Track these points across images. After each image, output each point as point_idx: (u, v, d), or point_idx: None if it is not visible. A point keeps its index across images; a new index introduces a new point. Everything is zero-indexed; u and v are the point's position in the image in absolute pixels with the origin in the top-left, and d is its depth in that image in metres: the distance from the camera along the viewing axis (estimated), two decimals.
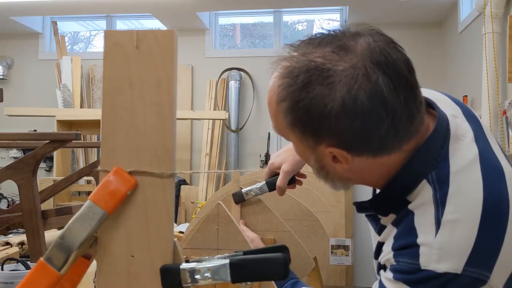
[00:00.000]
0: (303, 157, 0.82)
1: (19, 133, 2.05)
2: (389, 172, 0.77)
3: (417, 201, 0.75)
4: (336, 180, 0.81)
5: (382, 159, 0.75)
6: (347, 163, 0.75)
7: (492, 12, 3.44)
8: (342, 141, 0.72)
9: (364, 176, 0.79)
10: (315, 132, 0.73)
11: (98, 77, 5.62)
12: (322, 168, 0.79)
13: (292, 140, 0.79)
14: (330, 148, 0.73)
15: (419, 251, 0.70)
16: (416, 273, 0.70)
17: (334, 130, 0.71)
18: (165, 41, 0.56)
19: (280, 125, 0.77)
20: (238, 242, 1.07)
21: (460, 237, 0.69)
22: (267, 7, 5.57)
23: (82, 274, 0.60)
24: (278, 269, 0.52)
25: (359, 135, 0.71)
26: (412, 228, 0.73)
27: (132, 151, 0.56)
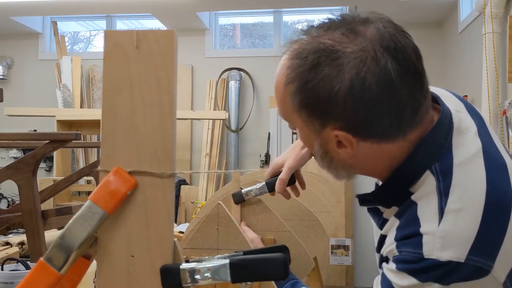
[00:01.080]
0: (307, 143, 0.82)
1: (19, 133, 2.05)
2: (392, 163, 0.77)
3: (420, 192, 0.75)
4: (340, 168, 0.81)
5: (386, 146, 0.75)
6: (351, 147, 0.75)
7: (492, 12, 3.44)
8: (348, 124, 0.72)
9: (367, 164, 0.79)
10: (322, 114, 0.73)
11: (98, 77, 5.62)
12: (326, 154, 0.79)
13: (297, 124, 0.79)
14: (336, 131, 0.73)
15: (422, 240, 0.70)
16: (419, 262, 0.70)
17: (340, 113, 0.71)
18: (165, 41, 0.56)
19: (286, 108, 0.77)
20: (238, 242, 1.07)
21: (464, 226, 0.70)
22: (267, 7, 5.57)
23: (82, 274, 0.60)
24: (278, 269, 0.52)
25: (365, 118, 0.71)
26: (415, 218, 0.73)
27: (132, 151, 0.56)
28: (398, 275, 0.73)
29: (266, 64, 5.56)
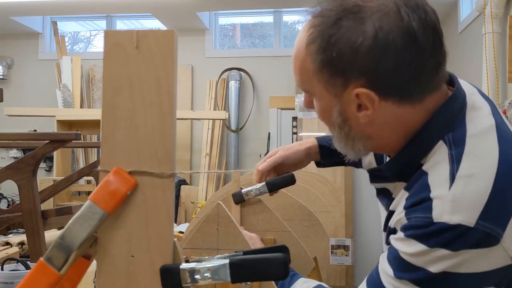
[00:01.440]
0: (326, 114, 0.81)
1: (19, 133, 2.05)
2: (407, 132, 0.78)
3: (431, 161, 0.75)
4: (357, 139, 0.80)
5: (404, 110, 0.76)
6: (372, 107, 0.74)
7: (492, 12, 3.44)
8: (371, 79, 0.72)
9: (385, 132, 0.79)
10: (345, 70, 0.73)
11: (98, 77, 5.63)
12: (344, 123, 0.79)
13: (316, 92, 0.79)
14: (358, 89, 0.73)
15: (432, 204, 0.70)
16: (428, 227, 0.69)
17: (364, 66, 0.72)
18: (165, 41, 0.56)
19: (307, 74, 0.78)
20: (238, 242, 1.07)
21: (475, 191, 0.69)
22: (267, 7, 5.57)
23: (82, 274, 0.60)
24: (278, 269, 0.52)
25: (388, 72, 0.72)
26: (425, 186, 0.73)
27: (132, 151, 0.56)
28: (405, 242, 0.72)
29: (266, 64, 5.56)
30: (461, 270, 0.69)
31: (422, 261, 0.70)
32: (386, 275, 0.76)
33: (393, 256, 0.75)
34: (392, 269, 0.74)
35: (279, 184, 1.27)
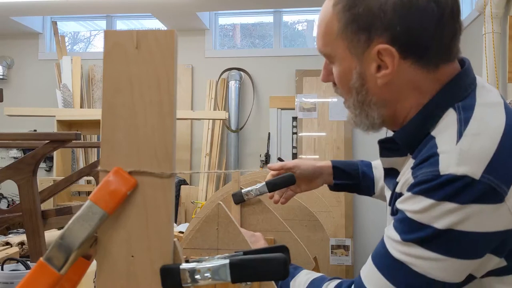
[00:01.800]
0: (344, 77, 0.84)
1: (19, 133, 2.05)
2: (420, 100, 0.81)
3: (440, 126, 0.78)
4: (373, 105, 0.83)
5: (420, 76, 0.79)
6: (392, 65, 0.78)
7: (492, 12, 3.44)
8: (393, 36, 0.77)
9: (400, 98, 0.82)
10: (370, 26, 0.77)
11: (98, 77, 5.63)
12: (362, 87, 0.82)
13: (338, 54, 0.83)
14: (381, 45, 0.77)
15: (439, 158, 0.73)
16: (435, 180, 0.71)
17: (388, 23, 0.76)
18: (165, 41, 0.56)
19: (330, 36, 0.82)
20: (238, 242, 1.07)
21: (481, 146, 0.72)
22: (267, 7, 5.57)
23: (82, 274, 0.60)
24: (278, 269, 0.52)
25: (411, 30, 0.76)
26: (432, 145, 0.76)
27: (132, 151, 0.56)
28: (413, 199, 0.74)
29: (266, 64, 5.56)
30: (466, 227, 0.70)
31: (429, 217, 0.72)
32: (391, 242, 0.77)
33: (399, 220, 0.77)
34: (398, 233, 0.76)
35: (279, 184, 1.28)
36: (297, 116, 5.38)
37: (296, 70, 5.41)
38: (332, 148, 5.26)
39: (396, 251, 0.77)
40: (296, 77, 5.41)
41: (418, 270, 0.74)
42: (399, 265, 0.76)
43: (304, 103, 5.36)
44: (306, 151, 5.30)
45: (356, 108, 0.86)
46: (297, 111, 5.37)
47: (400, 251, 0.76)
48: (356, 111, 0.86)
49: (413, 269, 0.75)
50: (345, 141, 5.23)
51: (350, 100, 0.86)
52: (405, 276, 0.75)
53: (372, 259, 0.82)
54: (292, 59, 5.50)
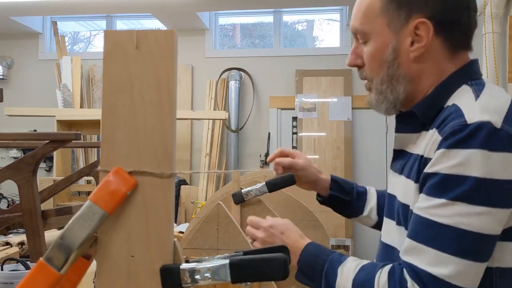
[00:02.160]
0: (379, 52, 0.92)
1: (19, 133, 2.05)
2: (439, 79, 0.91)
3: (454, 97, 0.88)
4: (401, 79, 0.91)
5: (443, 57, 0.90)
6: (427, 38, 0.88)
7: (492, 12, 3.44)
8: (431, 12, 0.88)
9: (424, 76, 0.91)
10: (411, 3, 0.88)
11: (98, 77, 5.63)
12: (394, 60, 0.91)
13: (376, 31, 0.91)
14: (419, 19, 0.88)
15: (462, 111, 0.81)
16: (465, 129, 0.78)
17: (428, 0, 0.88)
18: (165, 41, 0.56)
19: (371, 14, 0.91)
20: (238, 242, 1.07)
21: (496, 103, 0.82)
22: (267, 7, 5.57)
23: (82, 274, 0.60)
24: (278, 269, 0.52)
25: (447, 9, 0.88)
26: (453, 107, 0.85)
27: (132, 151, 0.56)
28: (447, 155, 0.79)
29: (266, 64, 5.56)
30: (499, 175, 0.76)
31: (467, 167, 0.77)
32: (432, 210, 0.80)
33: (435, 184, 0.80)
34: (439, 197, 0.79)
35: (279, 184, 1.28)
36: (297, 116, 5.38)
37: (296, 70, 5.41)
38: (332, 148, 5.26)
39: (442, 217, 0.79)
40: (296, 77, 5.41)
41: (467, 228, 0.77)
42: (448, 230, 0.78)
43: (304, 103, 5.36)
44: (306, 151, 5.30)
45: (383, 83, 0.93)
46: (297, 111, 5.37)
47: (446, 214, 0.78)
48: (383, 86, 0.93)
49: (463, 229, 0.77)
50: (345, 141, 5.23)
51: (378, 77, 0.93)
52: (456, 238, 0.78)
53: (413, 238, 0.83)
54: (292, 59, 5.50)
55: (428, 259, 0.80)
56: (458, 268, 0.77)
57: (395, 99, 0.93)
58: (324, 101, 5.32)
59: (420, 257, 0.81)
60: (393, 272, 0.84)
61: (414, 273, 0.81)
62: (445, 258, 0.78)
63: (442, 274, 0.78)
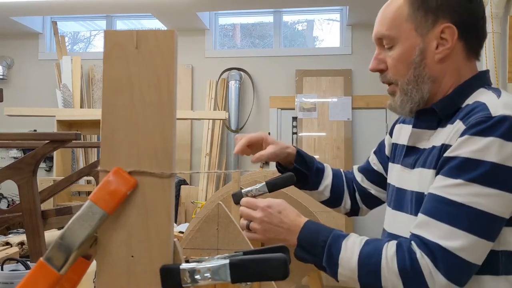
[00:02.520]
0: (407, 54, 0.98)
1: (19, 133, 2.05)
2: (457, 81, 0.98)
3: (474, 97, 0.94)
4: (426, 79, 0.97)
5: (463, 60, 0.98)
6: (452, 41, 0.95)
7: (492, 12, 3.44)
8: (456, 17, 0.95)
9: (446, 76, 0.98)
10: (438, 8, 0.96)
11: (98, 77, 5.63)
12: (421, 61, 0.97)
13: (403, 35, 0.98)
14: (446, 24, 0.95)
15: (487, 106, 0.88)
16: (489, 121, 0.85)
17: (452, 7, 0.95)
18: (165, 41, 0.56)
19: (398, 20, 0.98)
20: (238, 242, 1.07)
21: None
22: (267, 7, 5.57)
23: (82, 274, 0.60)
24: (278, 269, 0.52)
25: (470, 16, 0.96)
26: (476, 102, 0.91)
27: (132, 151, 0.56)
28: (469, 141, 0.85)
29: (266, 64, 5.56)
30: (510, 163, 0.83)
31: (487, 153, 0.84)
32: (449, 189, 0.86)
33: (455, 166, 0.86)
34: (456, 178, 0.86)
35: (279, 184, 1.27)
36: (297, 116, 5.38)
37: (296, 70, 5.41)
38: (332, 148, 5.26)
39: (457, 195, 0.85)
40: (296, 77, 5.41)
41: (481, 208, 0.84)
42: (462, 208, 0.85)
43: (304, 103, 5.36)
44: (306, 151, 5.30)
45: (409, 83, 0.98)
46: (297, 111, 5.37)
47: (462, 193, 0.85)
48: (409, 86, 0.99)
49: (476, 208, 0.84)
50: (345, 141, 5.23)
51: (404, 78, 0.99)
52: (469, 216, 0.84)
53: (426, 214, 0.88)
54: (292, 59, 5.50)
55: (440, 233, 0.85)
56: (467, 243, 0.83)
57: (420, 99, 0.99)
58: (324, 101, 5.32)
59: (432, 231, 0.86)
60: (401, 245, 0.88)
61: (424, 245, 0.86)
62: (456, 232, 0.84)
63: (452, 247, 0.83)
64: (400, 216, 1.02)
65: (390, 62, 1.01)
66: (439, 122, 0.98)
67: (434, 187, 0.89)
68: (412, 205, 0.97)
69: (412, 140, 1.04)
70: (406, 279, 0.86)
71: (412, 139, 1.04)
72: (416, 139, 1.03)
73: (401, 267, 0.86)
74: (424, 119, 1.01)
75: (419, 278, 0.85)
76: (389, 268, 0.87)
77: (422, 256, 0.85)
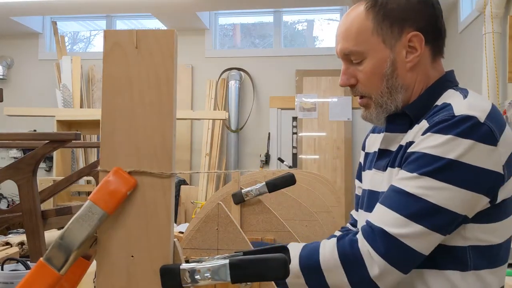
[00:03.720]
0: (378, 67, 0.99)
1: (19, 133, 2.05)
2: (426, 83, 1.00)
3: (443, 98, 0.97)
4: (400, 88, 0.99)
5: (430, 63, 1.00)
6: (420, 48, 0.97)
7: (492, 12, 3.44)
8: (420, 24, 0.97)
9: (416, 81, 1.00)
10: (402, 18, 0.97)
11: (98, 77, 5.63)
12: (393, 72, 0.98)
13: (372, 48, 0.98)
14: (412, 32, 0.97)
15: (452, 107, 0.91)
16: (451, 119, 0.88)
17: (415, 14, 0.97)
18: (165, 41, 0.56)
19: (364, 35, 0.98)
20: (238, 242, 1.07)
21: (481, 103, 0.92)
22: (267, 7, 5.57)
23: (82, 274, 0.60)
24: (278, 269, 0.52)
25: (431, 21, 0.98)
26: (443, 103, 0.94)
27: (132, 151, 0.56)
28: (430, 138, 0.88)
29: (266, 64, 5.56)
30: (471, 160, 0.86)
31: (444, 150, 0.86)
32: (404, 181, 0.89)
33: (414, 159, 0.89)
34: (412, 171, 0.89)
35: (279, 184, 1.28)
36: (297, 116, 5.38)
37: (296, 70, 5.41)
38: (332, 148, 5.26)
39: (411, 187, 0.88)
40: (296, 77, 5.41)
41: (431, 200, 0.86)
42: (413, 198, 0.87)
43: (304, 103, 5.35)
44: (306, 151, 5.30)
45: (383, 96, 1.00)
46: (297, 111, 5.37)
47: (415, 185, 0.88)
48: (383, 99, 1.00)
49: (427, 200, 0.87)
50: (345, 141, 5.22)
51: (378, 90, 1.00)
52: (418, 207, 0.87)
53: (381, 203, 0.92)
54: (292, 59, 5.49)
55: (387, 220, 0.88)
56: (412, 231, 0.86)
57: (395, 108, 1.00)
58: (324, 101, 5.32)
59: (380, 217, 0.89)
60: (342, 237, 0.92)
61: (369, 229, 0.89)
62: (403, 220, 0.87)
63: (395, 233, 0.86)
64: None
65: (362, 76, 1.01)
66: (410, 124, 1.00)
67: (394, 179, 0.93)
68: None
69: (384, 143, 1.05)
70: (346, 263, 0.89)
71: (384, 143, 1.05)
72: (388, 143, 1.04)
73: (341, 253, 0.90)
74: (396, 123, 1.03)
75: (359, 261, 0.88)
76: (331, 257, 0.90)
77: (363, 241, 0.88)
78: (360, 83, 1.02)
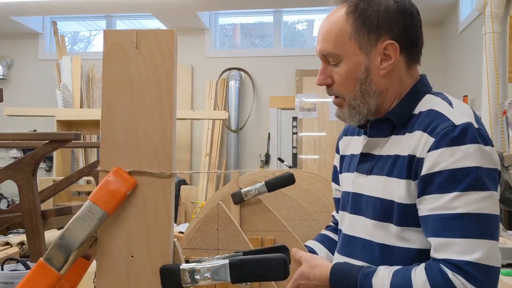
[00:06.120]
0: (352, 71, 1.01)
1: (19, 133, 2.05)
2: (401, 93, 1.03)
3: (424, 106, 0.99)
4: (373, 93, 1.01)
5: (405, 70, 1.02)
6: (394, 56, 0.99)
7: (492, 12, 3.44)
8: (396, 33, 0.99)
9: (390, 89, 1.02)
10: (379, 26, 0.99)
11: (98, 77, 5.63)
12: (367, 77, 1.00)
13: (348, 53, 1.00)
14: (388, 41, 0.99)
15: (446, 116, 0.93)
16: (455, 130, 0.90)
17: (393, 23, 0.99)
18: (165, 41, 0.56)
19: (342, 38, 1.00)
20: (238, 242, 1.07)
21: (467, 111, 0.96)
22: (267, 7, 5.57)
23: (82, 274, 0.60)
24: (278, 269, 0.52)
25: (408, 30, 1.00)
26: (431, 111, 0.96)
27: (132, 151, 0.56)
28: (447, 153, 0.89)
29: (266, 64, 5.56)
30: (488, 165, 0.89)
31: (468, 159, 0.88)
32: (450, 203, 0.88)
33: (444, 181, 0.89)
34: (451, 192, 0.88)
35: (279, 184, 1.28)
36: (297, 116, 5.38)
37: (296, 70, 5.41)
38: (332, 148, 5.25)
39: (459, 208, 0.88)
40: (296, 77, 5.41)
41: (484, 212, 0.87)
42: (469, 218, 0.87)
43: (304, 103, 5.35)
44: (306, 151, 5.30)
45: (356, 99, 1.02)
46: (297, 111, 5.37)
47: (463, 204, 0.87)
48: (356, 101, 1.02)
49: (481, 213, 0.87)
50: None
51: (351, 93, 1.02)
52: (478, 224, 0.87)
53: (439, 236, 0.89)
54: (292, 59, 5.49)
55: (459, 249, 0.87)
56: (486, 249, 0.86)
57: (367, 111, 1.02)
58: (324, 101, 5.32)
59: (452, 250, 0.87)
60: (430, 268, 0.89)
61: (452, 265, 0.87)
62: (474, 244, 0.86)
63: (477, 258, 0.85)
64: (361, 220, 1.04)
65: (337, 78, 1.03)
66: (392, 129, 1.02)
67: (431, 208, 0.91)
68: (376, 211, 0.99)
69: (366, 148, 1.07)
70: None
71: (366, 147, 1.07)
72: (371, 147, 1.06)
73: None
74: (378, 128, 1.05)
75: None
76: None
77: (454, 275, 0.86)
78: (336, 84, 1.04)
